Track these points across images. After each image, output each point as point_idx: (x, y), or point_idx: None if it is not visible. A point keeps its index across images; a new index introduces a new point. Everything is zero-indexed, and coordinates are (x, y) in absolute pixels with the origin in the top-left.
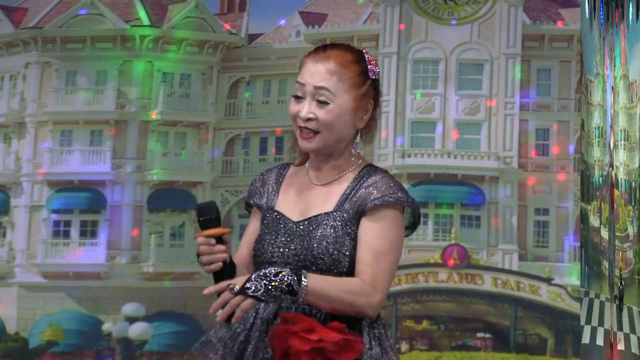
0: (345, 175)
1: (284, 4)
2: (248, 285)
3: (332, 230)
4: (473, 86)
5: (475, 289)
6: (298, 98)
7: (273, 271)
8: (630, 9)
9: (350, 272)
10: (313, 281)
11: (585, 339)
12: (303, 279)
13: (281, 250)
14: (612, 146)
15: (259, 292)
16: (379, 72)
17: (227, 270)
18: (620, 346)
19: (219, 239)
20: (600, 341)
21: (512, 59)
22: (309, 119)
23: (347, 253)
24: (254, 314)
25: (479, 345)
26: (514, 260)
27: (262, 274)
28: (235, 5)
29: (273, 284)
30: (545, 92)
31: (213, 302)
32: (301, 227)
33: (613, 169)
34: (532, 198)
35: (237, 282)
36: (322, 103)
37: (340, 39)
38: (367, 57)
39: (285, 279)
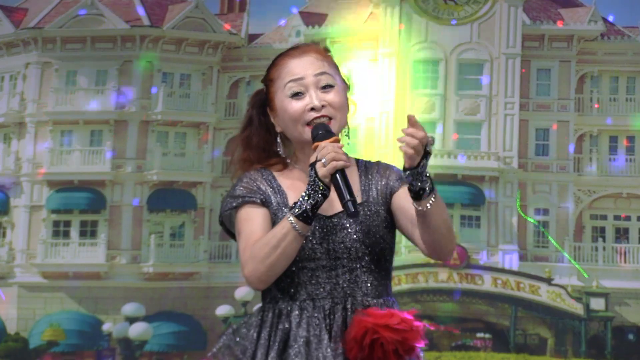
0: (349, 169)
1: (284, 4)
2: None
3: (375, 216)
4: (473, 86)
5: (475, 289)
6: (298, 95)
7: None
8: None
9: (387, 252)
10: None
11: None
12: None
13: (323, 245)
14: None
15: (424, 172)
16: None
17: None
18: None
19: None
20: None
21: (512, 59)
22: (323, 106)
23: (385, 236)
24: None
25: (479, 345)
26: (514, 260)
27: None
28: (235, 5)
29: (426, 174)
30: (545, 92)
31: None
32: (335, 220)
33: None
34: (532, 198)
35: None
36: (327, 87)
37: (340, 39)
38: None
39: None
